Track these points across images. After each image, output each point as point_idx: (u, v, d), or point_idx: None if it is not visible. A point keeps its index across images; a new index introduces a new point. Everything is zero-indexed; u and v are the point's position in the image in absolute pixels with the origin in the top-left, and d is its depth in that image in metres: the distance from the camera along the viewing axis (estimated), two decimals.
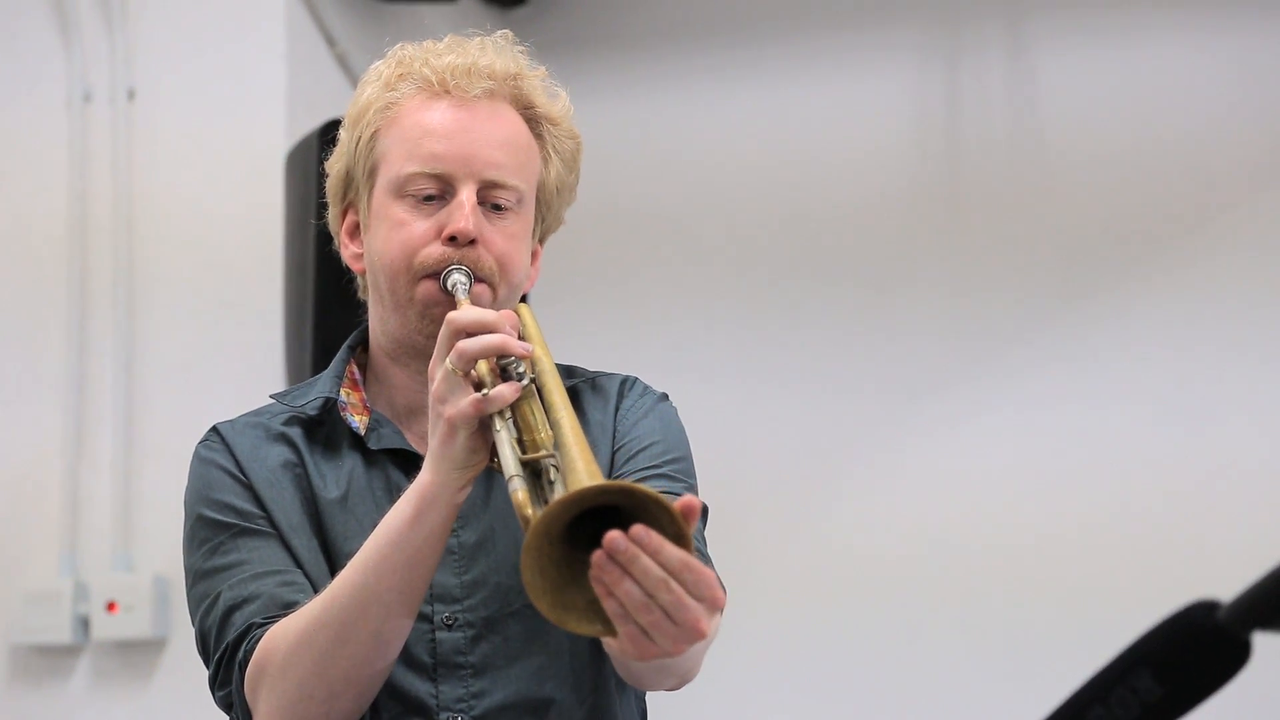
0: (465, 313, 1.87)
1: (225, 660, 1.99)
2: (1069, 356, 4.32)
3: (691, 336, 4.56)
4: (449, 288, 2.02)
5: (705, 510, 2.07)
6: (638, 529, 1.58)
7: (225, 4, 4.05)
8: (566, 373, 2.12)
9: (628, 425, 2.11)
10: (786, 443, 4.48)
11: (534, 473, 1.75)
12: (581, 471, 1.65)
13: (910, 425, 4.42)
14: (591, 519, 1.60)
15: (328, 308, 3.62)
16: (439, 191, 2.06)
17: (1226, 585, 1.32)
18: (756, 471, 4.39)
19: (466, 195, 2.05)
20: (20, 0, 4.12)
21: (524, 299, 2.16)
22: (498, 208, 2.08)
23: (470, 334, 1.84)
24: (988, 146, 4.47)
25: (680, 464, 2.10)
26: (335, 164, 2.16)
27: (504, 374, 1.83)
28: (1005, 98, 4.47)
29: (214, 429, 2.14)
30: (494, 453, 1.82)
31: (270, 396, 2.18)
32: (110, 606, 3.84)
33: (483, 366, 1.83)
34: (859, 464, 4.44)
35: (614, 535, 1.58)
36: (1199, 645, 1.29)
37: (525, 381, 1.82)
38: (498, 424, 1.79)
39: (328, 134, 3.47)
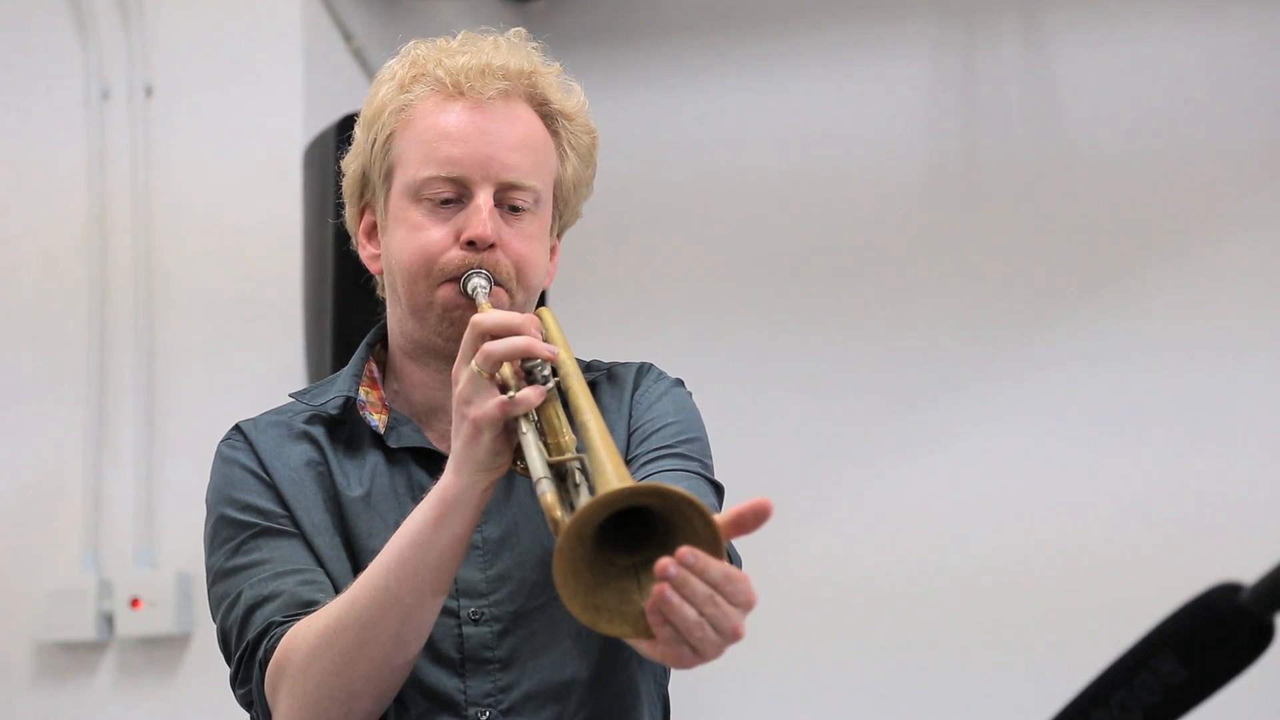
0: (490, 315, 1.87)
1: (245, 659, 1.99)
2: (1088, 354, 4.27)
3: (705, 333, 4.53)
4: (469, 292, 2.03)
5: (721, 490, 2.10)
6: (684, 551, 1.59)
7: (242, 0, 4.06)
8: (585, 367, 2.13)
9: (643, 408, 2.12)
10: (799, 441, 4.44)
11: (559, 475, 1.75)
12: (611, 474, 1.65)
13: (927, 424, 4.38)
14: (621, 520, 1.61)
15: (347, 302, 3.63)
16: (456, 195, 2.07)
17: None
18: (769, 469, 4.35)
19: (483, 199, 2.05)
20: None
21: (543, 297, 2.17)
22: (515, 209, 2.08)
23: (495, 336, 1.84)
24: (1004, 142, 4.43)
25: (695, 444, 2.11)
26: (351, 164, 2.17)
27: (528, 376, 1.83)
28: (1021, 92, 4.44)
29: (237, 427, 2.15)
30: (517, 455, 1.82)
31: (289, 395, 2.19)
32: (134, 603, 3.85)
33: (507, 369, 1.83)
34: (872, 462, 4.41)
35: (666, 563, 1.58)
36: (1222, 628, 1.28)
37: (550, 384, 1.82)
38: (523, 426, 1.79)
39: (345, 129, 3.46)
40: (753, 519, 1.65)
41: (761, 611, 1.71)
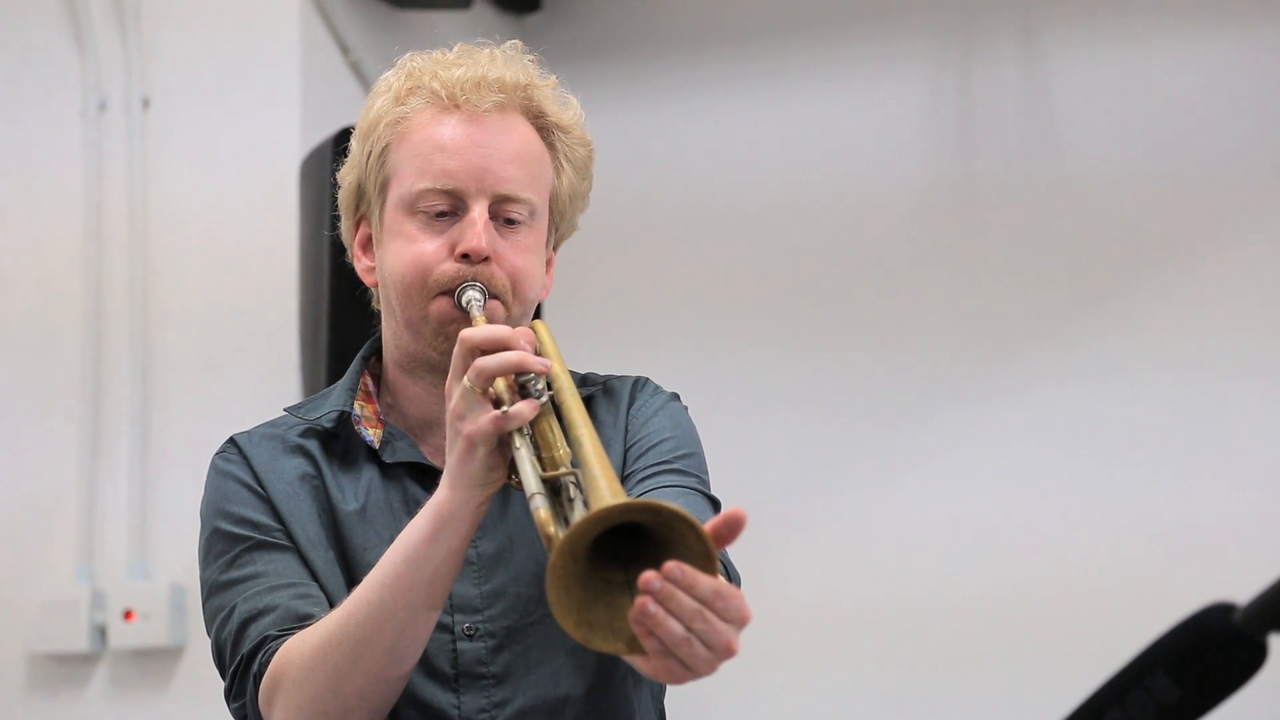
0: (480, 330, 1.86)
1: (240, 673, 1.98)
2: (1084, 372, 4.26)
3: (700, 347, 4.53)
4: (464, 305, 2.02)
5: (718, 505, 2.08)
6: (671, 566, 1.57)
7: (239, 12, 4.05)
8: (580, 380, 2.13)
9: (639, 423, 2.12)
10: (794, 457, 4.44)
11: (553, 490, 1.74)
12: (604, 490, 1.64)
13: (922, 442, 4.38)
14: (615, 536, 1.60)
15: (343, 315, 3.63)
16: (451, 208, 2.06)
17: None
18: (763, 485, 4.35)
19: (478, 212, 2.05)
20: (35, 10, 4.13)
21: (539, 310, 2.16)
22: (510, 222, 2.08)
23: (486, 351, 1.83)
24: (1000, 160, 4.43)
25: (691, 459, 2.10)
26: (347, 176, 2.16)
27: (522, 391, 1.82)
28: (1018, 110, 4.44)
29: (231, 440, 2.14)
30: (511, 470, 1.81)
31: (284, 409, 2.18)
32: (127, 615, 3.85)
33: (500, 384, 1.82)
34: (867, 479, 4.40)
35: (649, 576, 1.57)
36: (1215, 647, 1.29)
37: (544, 399, 1.82)
38: (517, 441, 1.79)
39: (342, 141, 3.46)
40: (728, 531, 1.64)
41: (756, 628, 1.70)
